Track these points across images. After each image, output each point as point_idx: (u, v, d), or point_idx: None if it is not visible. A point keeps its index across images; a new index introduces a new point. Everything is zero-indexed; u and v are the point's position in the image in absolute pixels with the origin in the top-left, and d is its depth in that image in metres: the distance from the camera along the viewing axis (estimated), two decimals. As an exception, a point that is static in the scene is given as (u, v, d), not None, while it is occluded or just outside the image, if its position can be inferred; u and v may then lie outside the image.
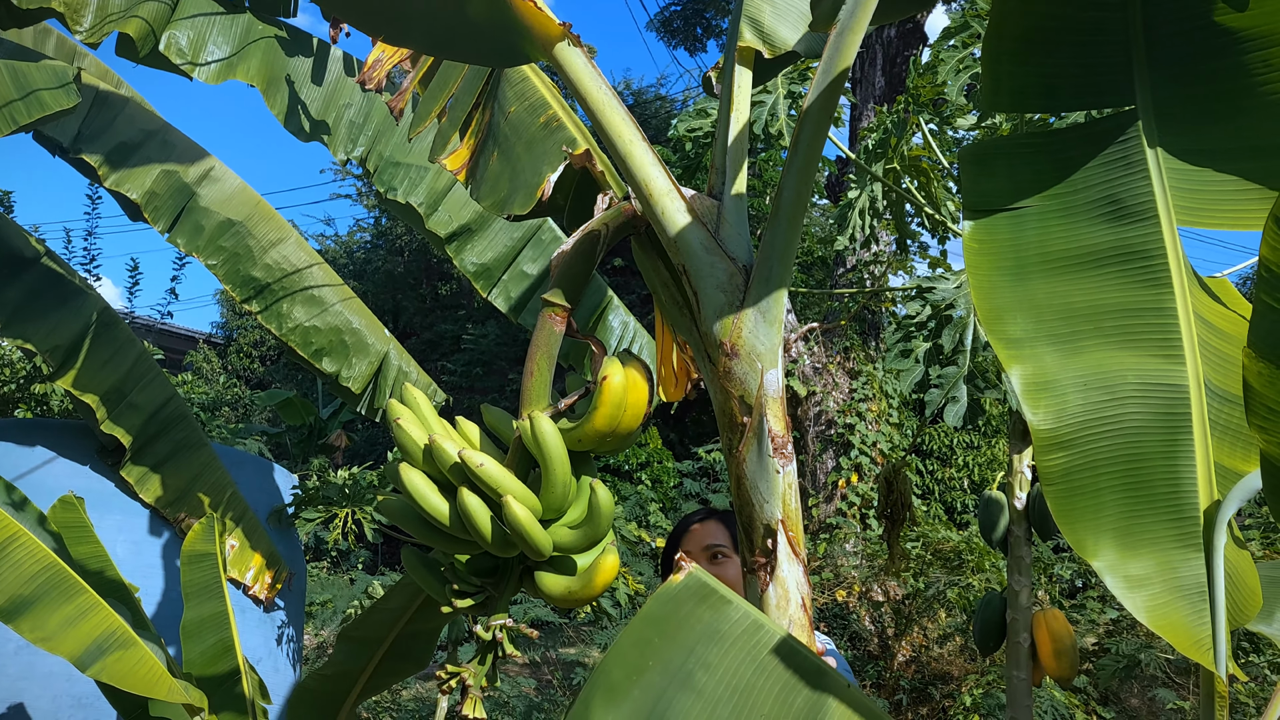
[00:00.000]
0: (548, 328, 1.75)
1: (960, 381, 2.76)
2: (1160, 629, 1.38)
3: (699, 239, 1.77)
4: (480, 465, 1.59)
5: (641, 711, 1.23)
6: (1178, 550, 1.42)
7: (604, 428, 1.71)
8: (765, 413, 1.68)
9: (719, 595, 1.30)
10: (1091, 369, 1.50)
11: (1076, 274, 1.59)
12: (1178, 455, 1.45)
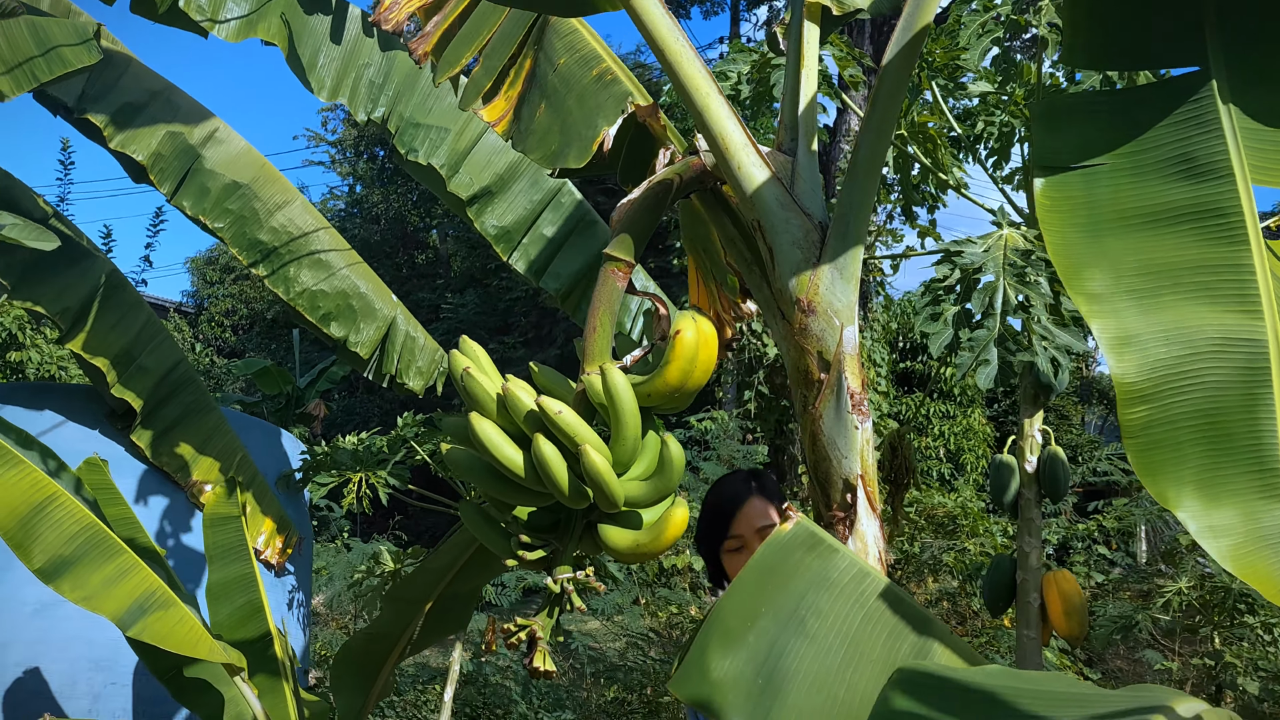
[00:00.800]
0: (610, 283, 1.74)
1: (990, 344, 2.79)
2: (1245, 576, 1.42)
3: (775, 195, 1.77)
4: (559, 413, 1.58)
5: (757, 657, 1.25)
6: (1261, 501, 1.45)
7: (675, 382, 1.70)
8: (844, 369, 1.69)
9: (827, 544, 1.33)
10: (1171, 324, 1.53)
11: (1152, 231, 1.61)
12: (1258, 409, 1.48)
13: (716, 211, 1.99)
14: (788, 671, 1.25)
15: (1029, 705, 1.02)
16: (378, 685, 2.67)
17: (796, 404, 1.77)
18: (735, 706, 1.23)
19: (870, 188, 1.80)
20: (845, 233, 1.75)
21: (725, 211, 1.99)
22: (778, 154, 1.85)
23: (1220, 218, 1.58)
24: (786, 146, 1.88)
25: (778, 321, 1.79)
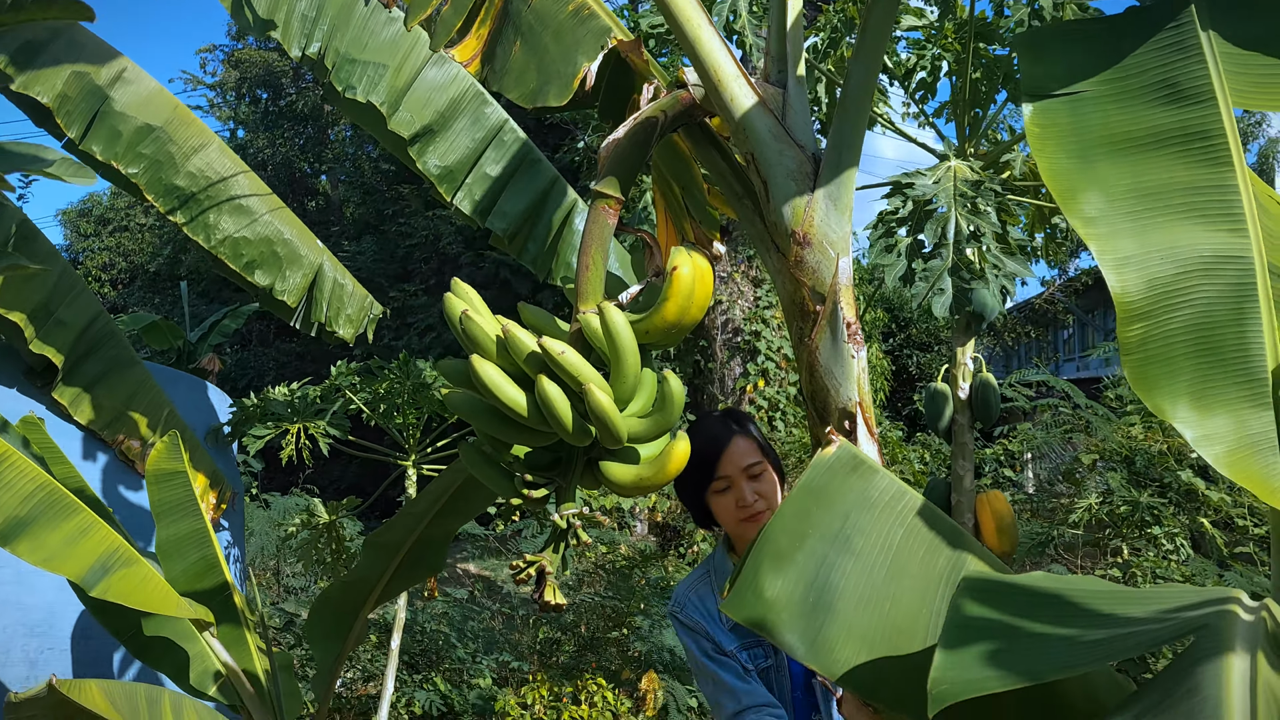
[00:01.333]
0: (601, 220, 1.73)
1: (945, 274, 2.87)
2: (1238, 478, 1.51)
3: (767, 127, 1.76)
4: (562, 353, 1.59)
5: (807, 574, 1.29)
6: (1249, 409, 1.54)
7: (673, 319, 1.71)
8: (839, 300, 1.71)
9: (868, 465, 1.36)
10: (1164, 244, 1.60)
11: (1141, 154, 1.67)
12: (1245, 323, 1.56)
13: (704, 146, 1.98)
14: (836, 588, 1.28)
15: (1097, 604, 1.08)
16: (354, 632, 2.64)
17: (792, 336, 1.79)
18: (789, 624, 1.26)
19: (861, 119, 1.81)
20: (839, 164, 1.75)
21: (713, 146, 1.98)
22: (767, 85, 1.84)
23: (1205, 140, 1.64)
24: (775, 78, 1.86)
25: (772, 255, 1.79)
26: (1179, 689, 0.85)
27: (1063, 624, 1.05)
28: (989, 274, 2.86)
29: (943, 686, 0.99)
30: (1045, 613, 1.08)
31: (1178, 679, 0.87)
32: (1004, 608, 1.08)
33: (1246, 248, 1.59)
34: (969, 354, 4.23)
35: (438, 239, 17.69)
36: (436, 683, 5.51)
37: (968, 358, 4.22)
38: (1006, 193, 2.94)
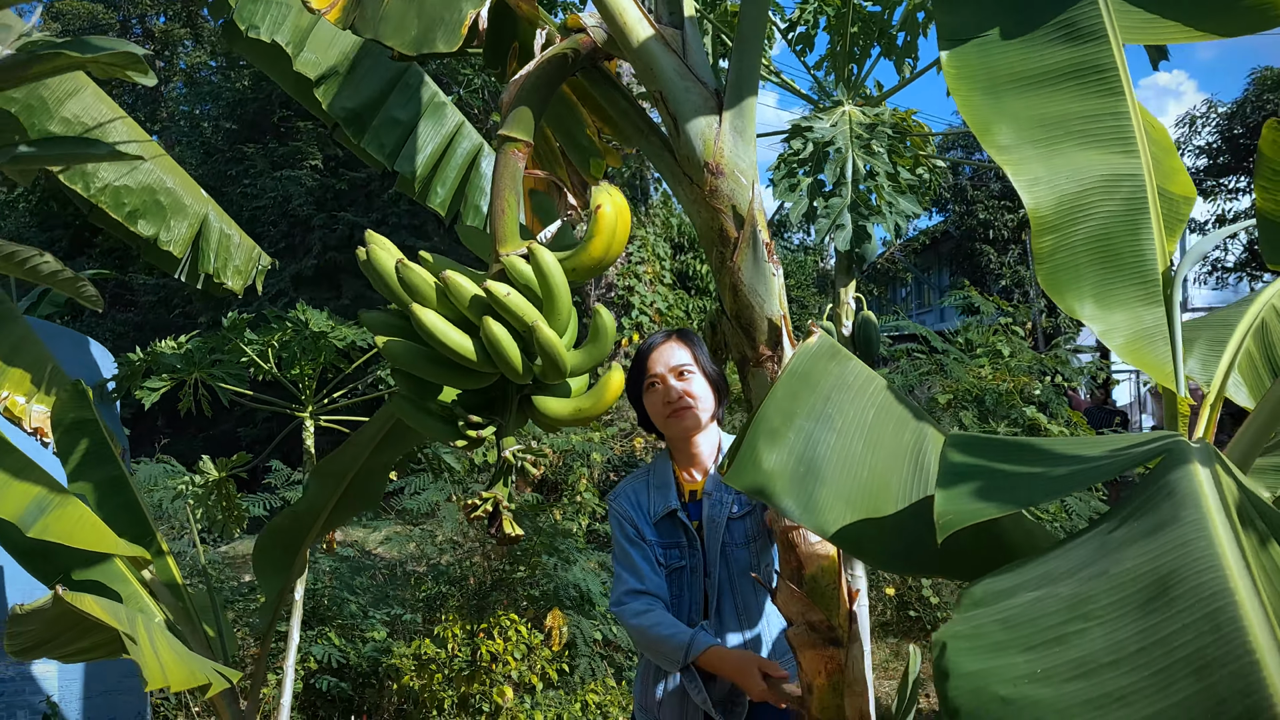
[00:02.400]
0: (511, 163, 1.77)
1: (845, 210, 3.08)
2: (1136, 363, 1.76)
3: (672, 65, 1.84)
4: (507, 294, 1.64)
5: (797, 449, 1.45)
6: (1143, 306, 1.79)
7: (599, 255, 1.78)
8: (756, 223, 1.81)
9: (842, 352, 1.53)
10: (1068, 166, 1.82)
11: (1043, 89, 1.88)
12: (1139, 232, 1.81)
13: (604, 87, 2.04)
14: (822, 459, 1.45)
15: (1061, 449, 1.28)
16: (297, 564, 2.66)
17: (713, 263, 1.88)
18: (784, 491, 1.42)
19: (756, 54, 1.89)
20: (740, 97, 1.85)
21: (613, 87, 2.04)
22: (667, 28, 1.90)
23: (1099, 73, 1.87)
24: (667, 19, 1.93)
25: (685, 187, 1.87)
26: (1157, 493, 1.05)
27: (1035, 464, 1.25)
28: (885, 210, 3.09)
29: (948, 517, 1.16)
30: (1019, 457, 1.27)
31: (1153, 487, 1.07)
32: (984, 455, 1.27)
33: (1138, 168, 1.83)
34: (851, 294, 4.51)
35: (287, 200, 17.11)
36: (331, 637, 5.51)
37: (850, 298, 4.51)
38: (899, 136, 3.17)
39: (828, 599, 1.88)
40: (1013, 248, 24.47)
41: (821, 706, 1.92)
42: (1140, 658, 0.89)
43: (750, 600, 2.43)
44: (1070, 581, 1.03)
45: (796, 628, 1.91)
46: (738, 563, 2.43)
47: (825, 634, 1.90)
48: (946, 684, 0.98)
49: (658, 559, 2.47)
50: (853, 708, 1.93)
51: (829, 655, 1.91)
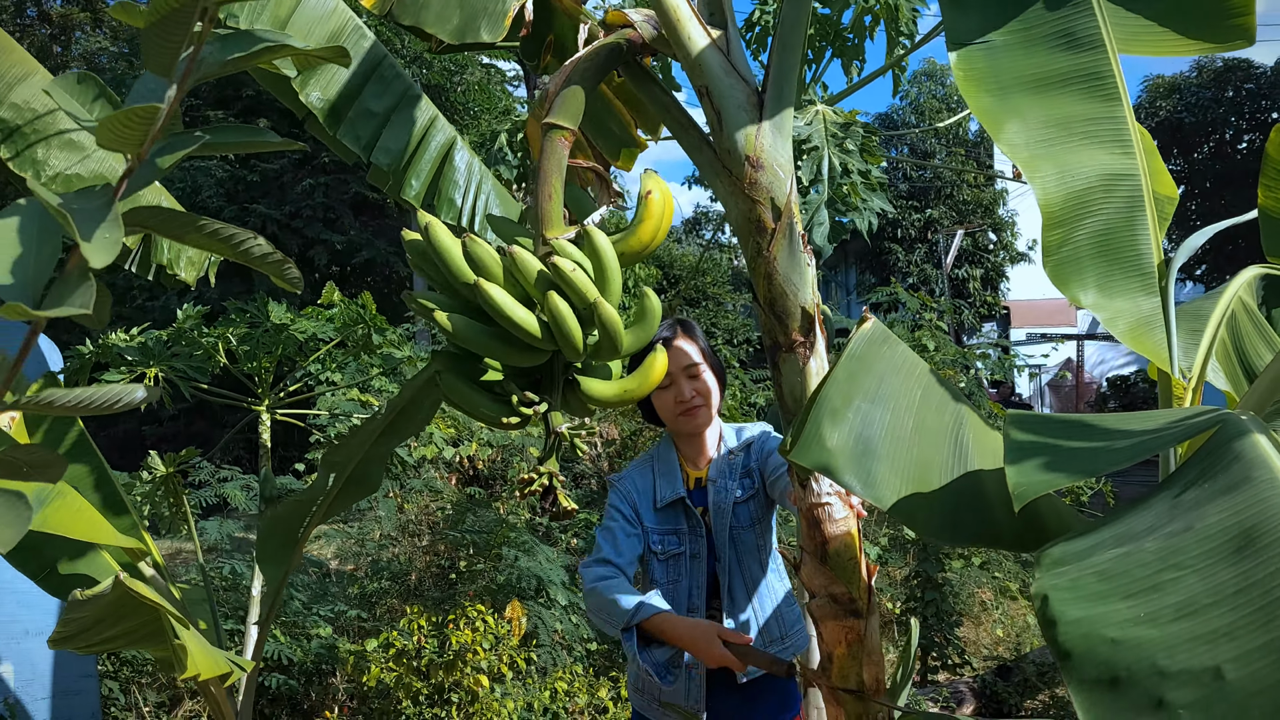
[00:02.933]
0: (557, 151, 1.83)
1: (822, 206, 3.20)
2: (1137, 347, 1.91)
3: (718, 62, 1.92)
4: (573, 271, 1.69)
5: (855, 428, 1.54)
6: (1142, 295, 1.94)
7: (647, 239, 1.86)
8: (794, 215, 1.91)
9: (892, 338, 1.63)
10: (1073, 164, 1.96)
11: (1048, 92, 2.02)
12: (1136, 227, 1.96)
13: (646, 84, 2.10)
14: (877, 438, 1.55)
15: (1114, 424, 1.40)
16: (298, 551, 2.65)
17: (748, 253, 1.95)
18: (846, 467, 1.51)
19: (796, 53, 1.98)
20: (780, 95, 1.93)
21: (654, 82, 2.14)
22: (713, 27, 1.97)
23: (1098, 80, 2.01)
24: (712, 20, 2.00)
25: (724, 179, 1.93)
26: (1220, 460, 1.17)
27: (1093, 439, 1.36)
28: (860, 206, 3.22)
29: (1022, 488, 1.26)
30: (1076, 434, 1.39)
31: (1214, 454, 1.19)
32: (1043, 433, 1.38)
33: (1135, 168, 1.98)
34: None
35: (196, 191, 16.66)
36: (277, 635, 5.44)
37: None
38: (873, 135, 3.30)
39: (849, 573, 1.98)
40: (919, 246, 25.19)
41: (841, 674, 2.03)
42: (1239, 598, 1.01)
43: (758, 578, 2.53)
44: (1153, 538, 1.14)
45: (819, 600, 2.01)
46: (744, 544, 2.52)
47: (846, 605, 2.00)
48: (1055, 630, 1.08)
49: (650, 546, 2.53)
50: (870, 675, 2.04)
51: (849, 626, 2.01)
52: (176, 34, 0.87)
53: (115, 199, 0.92)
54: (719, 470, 2.56)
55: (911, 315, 8.65)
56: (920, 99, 25.34)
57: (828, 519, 1.96)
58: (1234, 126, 23.71)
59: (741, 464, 2.58)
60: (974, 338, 23.19)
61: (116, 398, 0.95)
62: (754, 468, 2.57)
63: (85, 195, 0.93)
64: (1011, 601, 7.16)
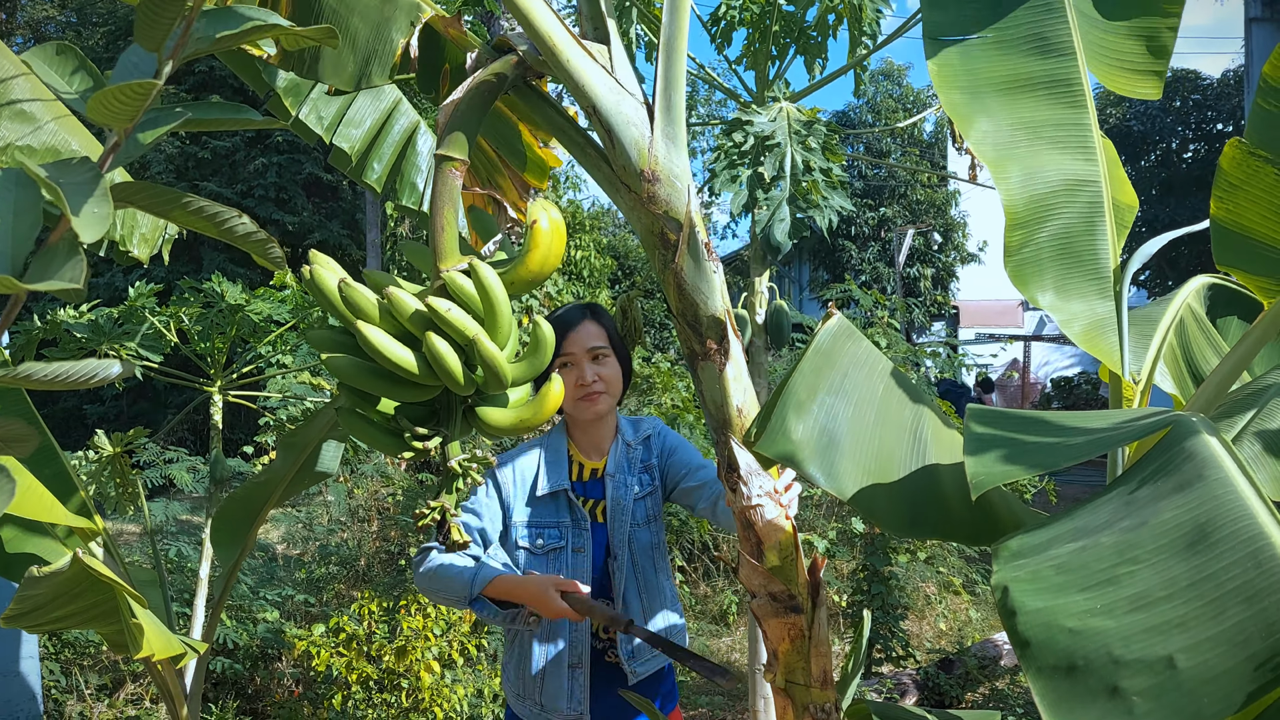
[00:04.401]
0: (449, 181, 1.80)
1: (784, 203, 3.23)
2: (1091, 350, 1.96)
3: (604, 81, 1.88)
4: (449, 310, 1.68)
5: (819, 421, 1.57)
6: (1097, 299, 1.99)
7: (536, 269, 1.82)
8: (694, 224, 1.87)
9: (856, 333, 1.66)
10: (1039, 167, 2.00)
11: (1019, 94, 2.06)
12: (1096, 233, 2.01)
13: (538, 105, 2.07)
14: (840, 431, 1.58)
15: (1071, 422, 1.44)
16: (253, 533, 2.62)
17: (656, 266, 1.93)
18: (810, 460, 1.54)
19: (680, 62, 1.93)
20: (670, 105, 1.89)
21: (547, 103, 2.08)
22: (594, 44, 1.94)
23: (1067, 86, 2.06)
24: (592, 35, 1.98)
25: (623, 195, 1.91)
26: (1175, 457, 1.21)
27: (1050, 435, 1.40)
28: (821, 203, 3.25)
29: (980, 478, 1.29)
30: (1034, 429, 1.42)
31: (1168, 453, 1.23)
32: (1003, 427, 1.42)
33: (1098, 175, 2.03)
34: (764, 283, 4.69)
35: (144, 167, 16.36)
36: (223, 618, 5.38)
37: (764, 286, 4.68)
38: (835, 133, 3.33)
39: (786, 570, 1.98)
40: (873, 244, 25.46)
41: (788, 669, 2.05)
42: (1192, 591, 1.05)
43: (652, 580, 2.49)
44: (1109, 532, 1.17)
45: (759, 600, 2.01)
46: (639, 543, 2.48)
47: (786, 603, 2.00)
48: (1015, 620, 1.11)
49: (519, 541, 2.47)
50: (817, 667, 2.06)
51: (791, 622, 2.01)
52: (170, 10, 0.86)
53: (102, 173, 0.91)
54: (617, 464, 2.51)
55: (864, 313, 8.76)
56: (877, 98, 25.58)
57: (760, 520, 1.95)
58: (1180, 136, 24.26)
59: (641, 458, 2.53)
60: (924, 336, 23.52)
61: (93, 372, 0.94)
62: (654, 464, 2.53)
63: (68, 168, 0.92)
64: (954, 596, 7.29)
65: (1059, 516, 1.30)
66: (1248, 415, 1.97)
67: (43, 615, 1.84)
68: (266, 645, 5.47)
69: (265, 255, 1.08)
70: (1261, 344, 1.80)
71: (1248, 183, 1.78)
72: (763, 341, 4.65)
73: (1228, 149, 1.68)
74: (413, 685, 3.96)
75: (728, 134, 3.44)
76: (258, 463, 6.64)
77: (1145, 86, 2.14)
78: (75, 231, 0.83)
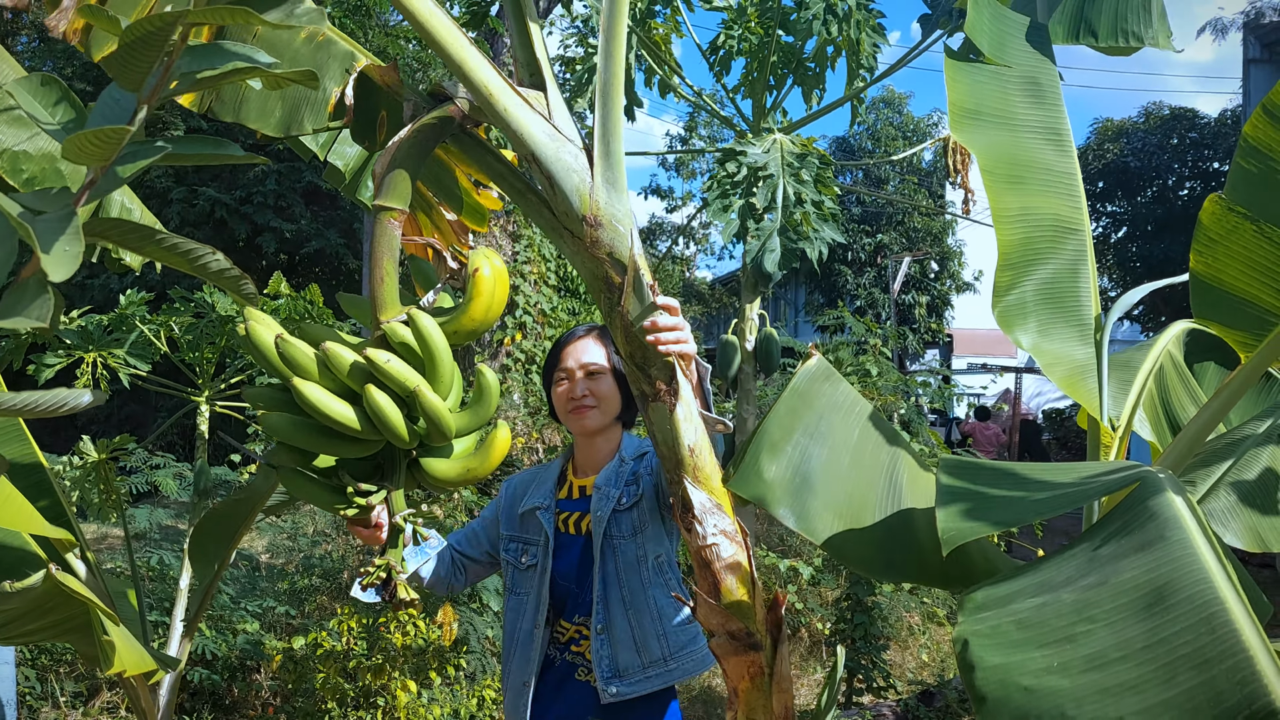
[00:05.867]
0: (388, 232, 1.79)
1: (775, 233, 3.25)
2: (1071, 393, 1.98)
3: (542, 129, 1.86)
4: (388, 361, 1.67)
5: (794, 461, 1.58)
6: (1078, 344, 2.01)
7: (479, 318, 1.81)
8: (639, 267, 1.85)
9: (835, 375, 1.67)
10: (1030, 207, 2.02)
11: (1015, 134, 2.08)
12: (1079, 279, 2.03)
13: (477, 153, 2.04)
14: (814, 473, 1.59)
15: (1038, 475, 1.45)
16: (230, 550, 2.62)
17: (602, 309, 1.91)
18: (781, 500, 1.55)
19: (617, 108, 1.91)
20: (608, 150, 1.88)
21: (487, 151, 2.05)
22: (530, 91, 1.92)
23: (1057, 135, 2.09)
24: (530, 82, 1.96)
25: (566, 241, 1.90)
26: (1139, 515, 1.22)
27: (1017, 489, 1.41)
28: (812, 235, 3.27)
29: (951, 533, 1.30)
30: (1002, 482, 1.44)
31: (1132, 511, 1.24)
32: (974, 480, 1.43)
33: (1083, 221, 2.06)
34: (755, 310, 4.71)
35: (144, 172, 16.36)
36: (202, 628, 5.36)
37: (754, 313, 4.70)
38: (828, 166, 3.36)
39: (743, 609, 1.94)
40: (869, 270, 25.52)
41: (749, 707, 2.01)
42: (1146, 654, 1.06)
43: (639, 594, 2.45)
44: (1070, 589, 1.19)
45: (718, 638, 1.98)
46: (624, 555, 2.45)
47: (745, 641, 1.95)
48: (973, 675, 1.12)
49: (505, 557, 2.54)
50: (779, 704, 2.02)
51: (750, 660, 1.97)
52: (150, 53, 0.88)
53: (76, 208, 0.92)
54: (606, 478, 2.50)
55: (857, 340, 8.78)
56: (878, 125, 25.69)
57: (716, 559, 1.93)
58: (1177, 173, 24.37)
59: (630, 471, 2.50)
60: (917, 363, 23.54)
61: (63, 401, 0.95)
62: (642, 474, 2.50)
63: (44, 198, 0.93)
64: (938, 627, 7.28)
65: (1026, 569, 1.31)
66: (1224, 465, 1.98)
67: (15, 629, 1.84)
68: (246, 656, 5.44)
69: (239, 291, 1.09)
70: (1238, 397, 1.82)
71: (1227, 238, 1.80)
72: (752, 368, 4.67)
73: (1208, 204, 1.71)
74: (389, 704, 3.94)
75: (721, 163, 3.47)
76: (245, 471, 6.62)
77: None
78: (44, 271, 0.84)
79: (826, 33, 4.04)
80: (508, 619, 2.55)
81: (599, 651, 2.40)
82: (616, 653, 2.38)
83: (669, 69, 4.97)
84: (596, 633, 2.41)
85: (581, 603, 2.48)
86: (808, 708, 5.86)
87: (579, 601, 2.48)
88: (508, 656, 2.52)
